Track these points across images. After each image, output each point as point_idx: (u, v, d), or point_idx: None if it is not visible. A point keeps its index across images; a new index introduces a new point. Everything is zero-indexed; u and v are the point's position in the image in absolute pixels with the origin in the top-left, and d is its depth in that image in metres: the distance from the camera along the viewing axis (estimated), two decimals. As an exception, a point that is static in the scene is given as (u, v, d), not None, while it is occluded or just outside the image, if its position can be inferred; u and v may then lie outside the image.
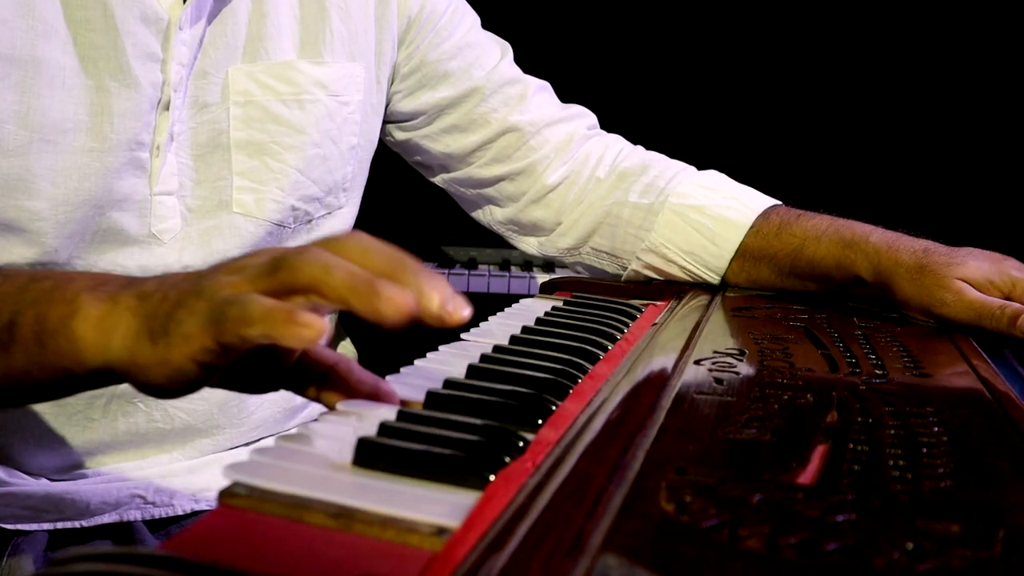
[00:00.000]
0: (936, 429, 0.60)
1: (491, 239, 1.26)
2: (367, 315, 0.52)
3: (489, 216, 1.18)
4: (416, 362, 0.71)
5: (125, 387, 0.58)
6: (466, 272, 2.07)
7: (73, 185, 0.84)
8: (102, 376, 0.57)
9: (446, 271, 2.07)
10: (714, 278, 1.09)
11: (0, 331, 0.58)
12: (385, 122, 1.11)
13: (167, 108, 0.88)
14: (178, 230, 0.92)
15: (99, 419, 0.93)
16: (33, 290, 0.59)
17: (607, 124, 1.21)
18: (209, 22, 0.90)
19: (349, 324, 1.23)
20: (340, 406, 0.60)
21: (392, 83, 1.09)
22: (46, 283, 0.59)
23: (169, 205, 0.91)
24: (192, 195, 0.93)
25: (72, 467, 0.94)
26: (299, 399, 0.87)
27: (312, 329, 0.50)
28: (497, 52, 1.14)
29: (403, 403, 0.61)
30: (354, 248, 0.54)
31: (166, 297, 0.54)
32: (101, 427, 0.93)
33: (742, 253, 1.06)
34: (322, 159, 1.00)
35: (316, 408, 1.08)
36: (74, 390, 0.60)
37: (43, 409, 0.92)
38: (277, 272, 0.53)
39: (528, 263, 2.17)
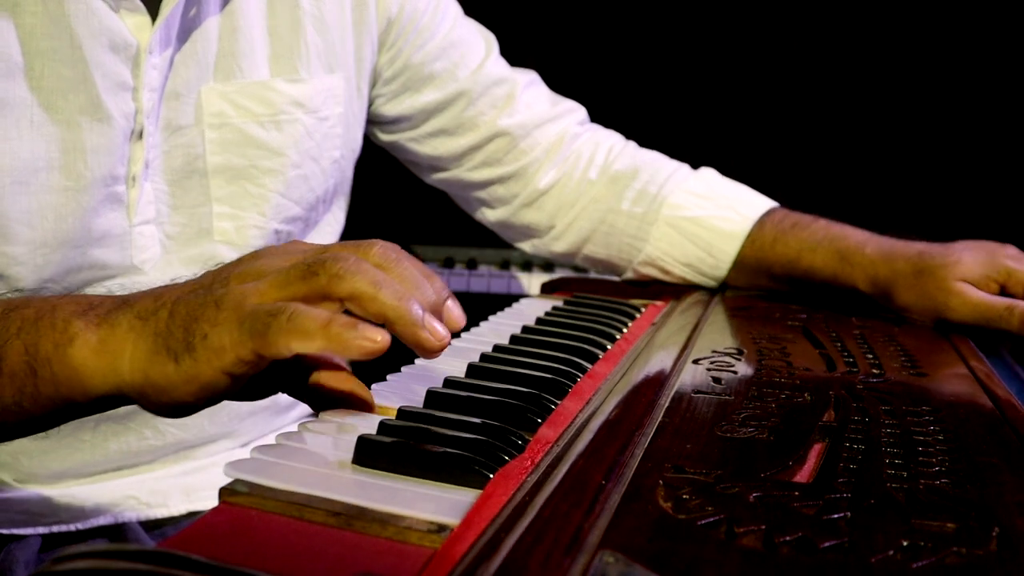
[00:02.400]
0: (932, 428, 0.60)
1: (492, 239, 1.25)
2: (405, 340, 0.52)
3: (481, 216, 1.17)
4: (417, 361, 0.71)
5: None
6: (466, 272, 2.07)
7: (50, 226, 0.81)
8: (107, 401, 0.56)
9: (446, 271, 2.07)
10: (713, 284, 1.09)
11: None
12: (368, 121, 1.07)
13: (140, 137, 0.84)
14: (158, 258, 0.88)
15: (89, 440, 0.90)
16: (15, 319, 0.57)
17: (606, 123, 1.20)
18: (180, 42, 0.86)
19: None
20: (324, 416, 0.59)
21: (373, 87, 1.05)
22: (28, 311, 0.57)
23: (148, 234, 0.87)
24: (170, 222, 0.89)
25: (64, 485, 0.92)
26: (284, 399, 0.86)
27: (377, 343, 0.49)
28: (482, 48, 1.10)
29: (379, 409, 0.61)
30: (390, 263, 0.53)
31: (174, 313, 0.53)
32: (91, 448, 0.91)
33: (739, 262, 1.06)
34: (303, 179, 0.96)
35: (304, 408, 1.07)
36: (69, 418, 0.58)
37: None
38: (314, 278, 0.51)
39: (528, 263, 2.17)
